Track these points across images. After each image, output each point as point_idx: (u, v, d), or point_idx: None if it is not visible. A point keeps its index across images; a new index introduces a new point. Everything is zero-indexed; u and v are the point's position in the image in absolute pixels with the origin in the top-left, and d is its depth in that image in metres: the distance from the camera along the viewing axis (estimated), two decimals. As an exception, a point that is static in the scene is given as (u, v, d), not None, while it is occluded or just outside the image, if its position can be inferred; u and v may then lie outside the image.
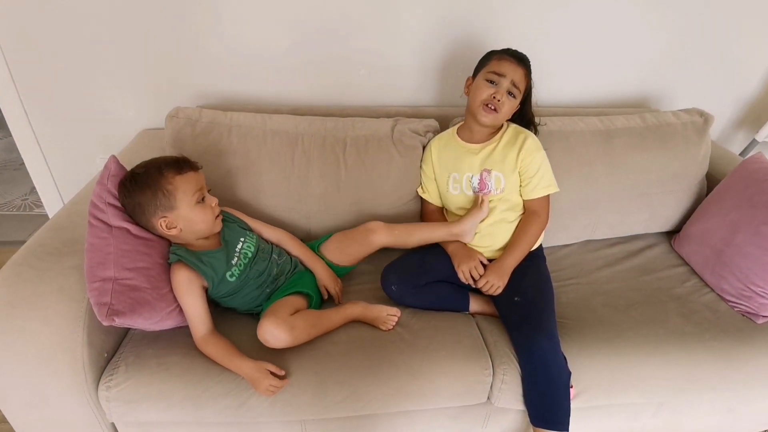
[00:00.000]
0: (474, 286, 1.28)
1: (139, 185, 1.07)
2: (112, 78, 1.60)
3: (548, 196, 1.33)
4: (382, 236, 1.28)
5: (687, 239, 1.51)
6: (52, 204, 1.86)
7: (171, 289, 1.09)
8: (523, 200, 1.33)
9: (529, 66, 1.29)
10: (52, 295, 0.99)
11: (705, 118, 1.55)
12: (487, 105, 1.26)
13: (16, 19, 1.48)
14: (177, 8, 1.50)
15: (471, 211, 1.31)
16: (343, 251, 1.31)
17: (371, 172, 1.40)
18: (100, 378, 1.05)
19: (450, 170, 1.36)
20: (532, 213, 1.31)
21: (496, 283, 1.24)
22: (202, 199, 1.12)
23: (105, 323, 0.96)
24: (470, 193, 1.33)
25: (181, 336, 1.12)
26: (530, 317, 1.17)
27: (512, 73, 1.25)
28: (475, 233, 1.32)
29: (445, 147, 1.38)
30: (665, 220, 1.59)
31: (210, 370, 1.06)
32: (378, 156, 1.40)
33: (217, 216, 1.15)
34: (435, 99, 1.72)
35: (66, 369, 1.00)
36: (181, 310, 1.10)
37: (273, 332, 1.07)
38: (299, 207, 1.39)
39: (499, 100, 1.24)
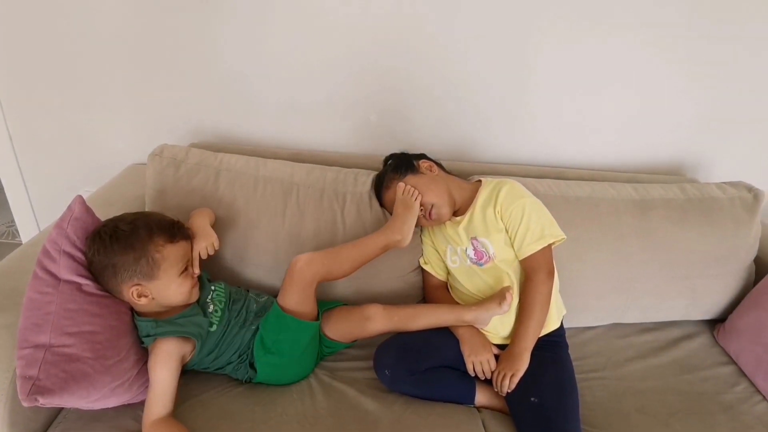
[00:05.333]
0: (483, 379, 1.09)
1: (121, 245, 0.91)
2: (104, 106, 1.52)
3: (547, 248, 1.12)
4: (379, 324, 1.10)
5: (735, 333, 1.30)
6: (30, 237, 1.72)
7: (121, 359, 0.90)
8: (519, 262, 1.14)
9: (392, 169, 1.22)
10: (-27, 360, 0.83)
11: (754, 194, 1.37)
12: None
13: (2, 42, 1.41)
14: (177, 36, 1.42)
15: (490, 302, 1.11)
16: (338, 329, 1.13)
17: (372, 235, 1.23)
18: (19, 468, 0.86)
19: (446, 243, 1.21)
20: (530, 275, 1.11)
21: (509, 372, 1.05)
22: (185, 269, 0.97)
23: (25, 404, 0.79)
24: (469, 263, 1.17)
25: (125, 418, 0.94)
26: (550, 425, 0.99)
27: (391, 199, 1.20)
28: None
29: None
30: (708, 308, 1.38)
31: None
32: (380, 217, 1.25)
33: (194, 285, 1.01)
34: (451, 150, 1.57)
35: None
36: (130, 386, 0.92)
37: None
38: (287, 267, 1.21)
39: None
